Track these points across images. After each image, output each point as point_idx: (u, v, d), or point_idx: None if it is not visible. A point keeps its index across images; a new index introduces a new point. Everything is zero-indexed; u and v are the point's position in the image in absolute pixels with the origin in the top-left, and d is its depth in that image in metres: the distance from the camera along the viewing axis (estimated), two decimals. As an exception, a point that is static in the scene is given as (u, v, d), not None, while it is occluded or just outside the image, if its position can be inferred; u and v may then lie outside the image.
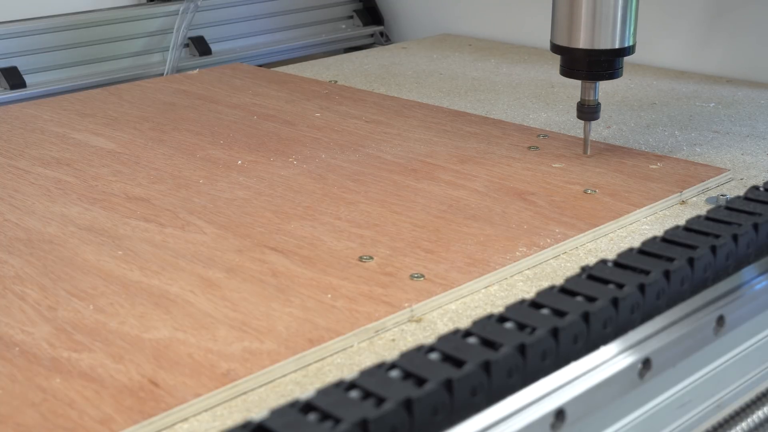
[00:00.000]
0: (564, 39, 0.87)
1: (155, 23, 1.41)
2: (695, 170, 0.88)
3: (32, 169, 0.91)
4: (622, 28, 0.85)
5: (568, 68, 0.89)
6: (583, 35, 0.85)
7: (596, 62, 0.86)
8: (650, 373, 0.52)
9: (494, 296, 0.66)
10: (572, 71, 0.88)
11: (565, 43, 0.87)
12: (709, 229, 0.60)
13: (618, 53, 0.86)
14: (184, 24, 1.40)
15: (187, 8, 1.41)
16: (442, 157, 0.92)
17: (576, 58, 0.87)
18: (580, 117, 0.91)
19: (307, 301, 0.64)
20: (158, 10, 1.41)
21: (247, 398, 0.55)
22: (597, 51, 0.86)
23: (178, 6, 1.41)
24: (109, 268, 0.69)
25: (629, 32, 0.86)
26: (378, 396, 0.42)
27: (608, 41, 0.85)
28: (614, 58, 0.86)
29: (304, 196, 0.82)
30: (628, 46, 0.86)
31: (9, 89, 1.26)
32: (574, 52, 0.87)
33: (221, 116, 1.07)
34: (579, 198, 0.81)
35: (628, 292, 0.52)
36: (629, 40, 0.86)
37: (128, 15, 1.40)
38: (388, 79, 1.28)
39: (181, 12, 1.40)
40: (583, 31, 0.85)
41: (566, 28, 0.86)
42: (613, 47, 0.85)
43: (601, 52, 0.86)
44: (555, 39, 0.88)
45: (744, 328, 0.60)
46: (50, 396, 0.54)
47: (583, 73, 0.88)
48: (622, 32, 0.85)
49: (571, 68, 0.88)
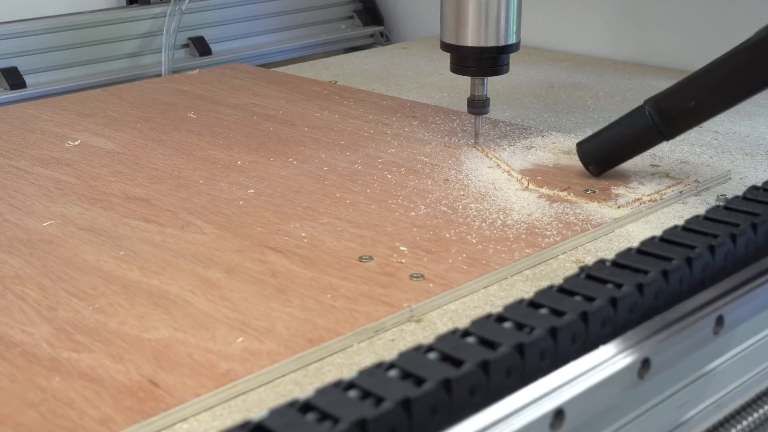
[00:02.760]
0: (452, 37, 0.92)
1: (155, 23, 1.41)
2: (695, 170, 0.88)
3: (32, 169, 0.91)
4: (506, 26, 0.91)
5: (457, 65, 0.94)
6: (470, 34, 0.91)
7: (483, 59, 0.92)
8: (649, 373, 0.52)
9: (494, 296, 0.66)
10: (461, 68, 0.93)
11: (454, 42, 0.92)
12: (708, 228, 0.60)
13: (502, 50, 0.92)
14: (173, 26, 1.40)
15: (174, 10, 1.40)
16: (442, 157, 0.92)
17: (464, 56, 0.92)
18: (470, 111, 0.96)
19: (307, 301, 0.64)
20: (158, 10, 1.42)
21: (247, 398, 0.55)
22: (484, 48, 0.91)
23: (165, 8, 1.41)
24: (109, 268, 0.69)
25: (512, 30, 0.92)
26: (377, 396, 0.42)
27: (493, 39, 0.91)
28: (499, 55, 0.92)
29: (304, 196, 0.82)
30: (512, 43, 0.92)
31: (9, 89, 1.26)
32: (462, 50, 0.92)
33: (221, 116, 1.07)
34: (579, 198, 0.81)
35: (627, 292, 0.52)
36: (513, 38, 0.92)
37: (128, 15, 1.40)
38: (388, 79, 1.28)
39: (168, 14, 1.40)
40: (470, 30, 0.91)
41: (454, 28, 0.92)
42: (497, 45, 0.91)
43: (486, 49, 0.91)
44: (444, 37, 0.93)
45: (743, 328, 0.60)
46: (50, 396, 0.54)
47: (471, 69, 0.93)
48: (506, 31, 0.91)
49: (460, 65, 0.93)
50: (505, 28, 0.91)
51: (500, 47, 0.91)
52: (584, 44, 1.40)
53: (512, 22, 0.91)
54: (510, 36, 0.91)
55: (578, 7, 1.40)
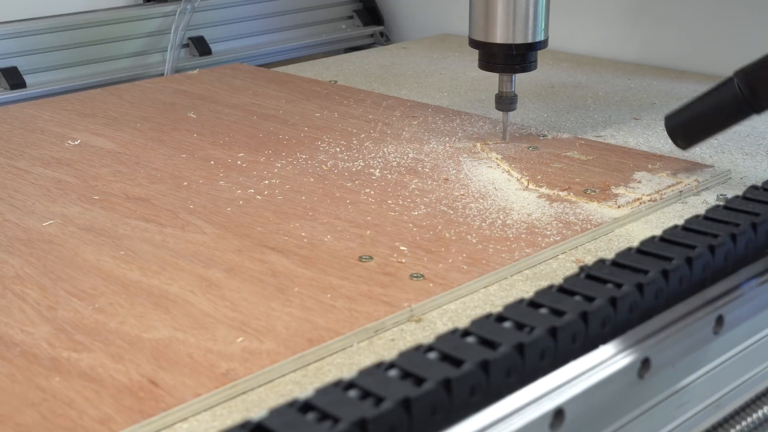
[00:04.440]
0: (481, 34, 0.93)
1: (155, 23, 1.41)
2: (695, 170, 0.88)
3: (32, 168, 0.91)
4: (534, 23, 0.92)
5: (486, 62, 0.95)
6: (499, 31, 0.92)
7: (511, 56, 0.92)
8: (649, 373, 0.52)
9: (494, 296, 0.66)
10: (490, 65, 0.94)
11: (482, 39, 0.93)
12: (708, 228, 0.60)
13: (531, 47, 0.93)
14: (182, 24, 1.40)
15: (185, 9, 1.41)
16: (442, 157, 0.92)
17: (493, 53, 0.93)
18: (498, 108, 0.97)
19: (307, 300, 0.64)
20: (158, 10, 1.42)
21: (247, 398, 0.55)
22: (512, 45, 0.92)
23: (176, 6, 1.42)
24: (109, 268, 0.69)
25: (541, 27, 0.92)
26: (376, 395, 0.42)
27: (522, 36, 0.92)
28: (527, 52, 0.93)
29: (304, 196, 0.82)
30: (540, 40, 0.93)
31: (9, 89, 1.26)
32: (490, 46, 0.93)
33: (221, 116, 1.07)
34: (579, 198, 0.81)
35: (626, 292, 0.52)
36: (541, 35, 0.93)
37: (128, 15, 1.40)
38: (388, 79, 1.28)
39: (179, 12, 1.41)
40: (499, 27, 0.92)
41: (483, 25, 0.93)
42: (525, 41, 0.92)
43: (515, 46, 0.92)
44: (473, 35, 0.94)
45: (743, 327, 0.60)
46: (50, 396, 0.54)
47: (500, 66, 0.94)
48: (534, 28, 0.92)
49: (488, 62, 0.94)
50: (533, 25, 0.91)
51: (529, 44, 0.92)
52: (584, 44, 1.40)
53: (541, 19, 0.92)
54: (538, 33, 0.92)
55: (578, 7, 1.40)
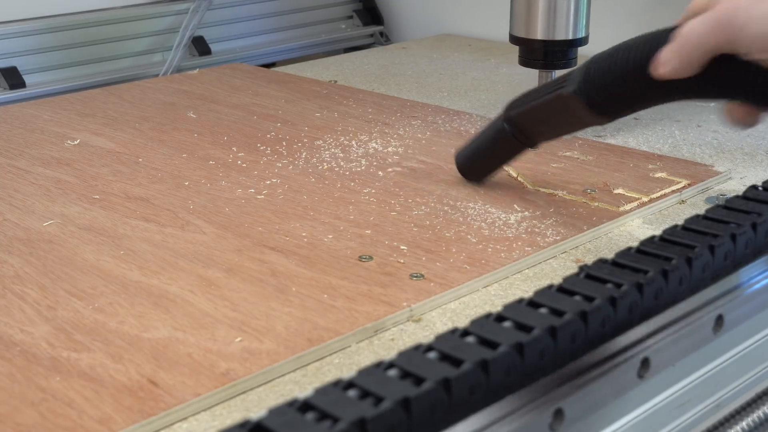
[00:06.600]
0: (522, 30, 0.94)
1: (155, 23, 1.41)
2: (695, 170, 0.88)
3: (32, 168, 0.91)
4: (575, 20, 0.92)
5: (527, 58, 0.95)
6: (540, 27, 0.93)
7: (552, 52, 0.93)
8: (649, 373, 0.52)
9: (494, 296, 0.66)
10: (531, 61, 0.95)
11: (524, 35, 0.94)
12: (708, 228, 0.60)
13: (572, 44, 0.93)
14: (192, 22, 1.40)
15: (198, 6, 1.40)
16: (442, 157, 0.92)
17: (534, 49, 0.94)
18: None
19: (307, 300, 0.64)
20: (158, 10, 1.42)
21: (246, 398, 0.55)
22: (552, 42, 0.93)
23: (187, 5, 1.41)
24: (109, 268, 0.69)
25: (582, 24, 0.93)
26: (376, 395, 0.42)
27: (562, 32, 0.92)
28: (568, 49, 0.93)
29: (304, 196, 0.82)
30: (581, 37, 0.93)
31: (9, 89, 1.26)
32: (532, 43, 0.93)
33: (221, 116, 1.07)
34: (579, 197, 0.81)
35: (626, 292, 0.52)
36: (582, 32, 0.93)
37: (128, 15, 1.40)
38: (388, 79, 1.28)
39: (191, 10, 1.40)
40: (540, 24, 0.92)
41: (524, 21, 0.94)
42: (566, 38, 0.92)
43: (556, 42, 0.92)
44: (513, 30, 0.95)
45: (743, 327, 0.60)
46: (49, 396, 0.54)
47: (540, 63, 0.94)
48: (575, 24, 0.92)
49: (529, 58, 0.95)
50: (574, 22, 0.92)
51: (570, 41, 0.92)
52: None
53: (582, 16, 0.92)
54: (579, 30, 0.92)
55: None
